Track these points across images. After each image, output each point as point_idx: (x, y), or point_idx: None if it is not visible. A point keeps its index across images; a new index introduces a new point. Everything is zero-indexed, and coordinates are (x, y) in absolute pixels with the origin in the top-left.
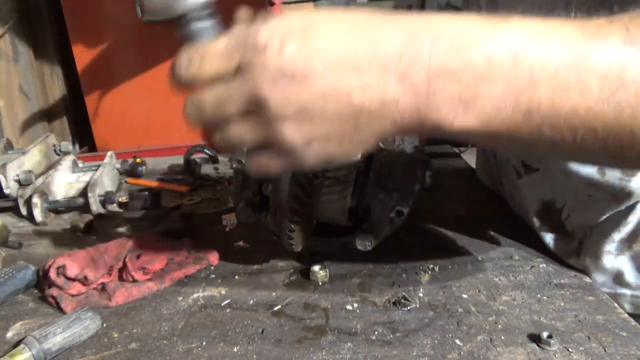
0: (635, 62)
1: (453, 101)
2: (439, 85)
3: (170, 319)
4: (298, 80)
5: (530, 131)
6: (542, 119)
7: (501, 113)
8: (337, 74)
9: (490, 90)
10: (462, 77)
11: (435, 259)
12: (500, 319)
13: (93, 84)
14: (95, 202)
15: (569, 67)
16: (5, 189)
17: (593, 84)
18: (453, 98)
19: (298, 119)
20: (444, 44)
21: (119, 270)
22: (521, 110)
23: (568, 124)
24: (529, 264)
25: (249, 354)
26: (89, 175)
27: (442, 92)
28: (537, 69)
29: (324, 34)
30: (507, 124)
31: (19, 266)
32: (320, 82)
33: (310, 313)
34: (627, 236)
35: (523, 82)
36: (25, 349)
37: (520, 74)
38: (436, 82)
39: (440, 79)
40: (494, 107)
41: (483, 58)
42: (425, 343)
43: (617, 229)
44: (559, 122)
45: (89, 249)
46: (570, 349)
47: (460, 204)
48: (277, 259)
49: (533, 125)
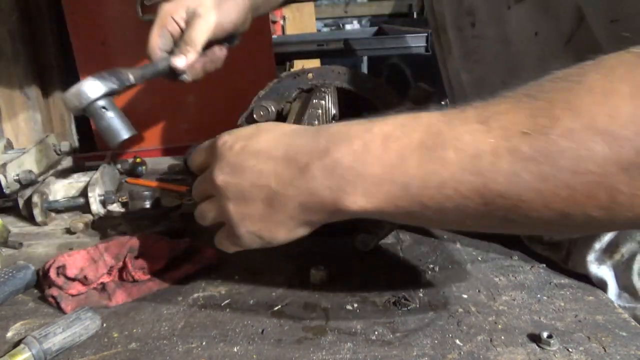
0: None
1: (340, 182)
2: (329, 171)
3: (170, 319)
4: (236, 169)
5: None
6: (417, 191)
7: (381, 189)
8: (262, 165)
9: (368, 170)
10: (345, 163)
11: (435, 259)
12: (500, 319)
13: None
14: (95, 202)
15: (429, 146)
16: (5, 189)
17: (451, 157)
18: (340, 179)
19: (236, 200)
20: (332, 140)
21: (119, 270)
22: (398, 185)
23: (441, 193)
24: (529, 264)
25: (249, 354)
26: (89, 175)
27: (331, 176)
28: (404, 149)
29: (260, 138)
30: (390, 200)
31: (19, 266)
32: (251, 172)
33: (310, 313)
34: (607, 246)
35: (393, 160)
36: (25, 349)
37: (391, 155)
38: (327, 169)
39: (330, 167)
40: (374, 184)
41: (361, 146)
42: (425, 343)
43: (597, 238)
44: (434, 193)
45: (89, 249)
46: (570, 349)
47: None
48: (277, 259)
49: (412, 197)
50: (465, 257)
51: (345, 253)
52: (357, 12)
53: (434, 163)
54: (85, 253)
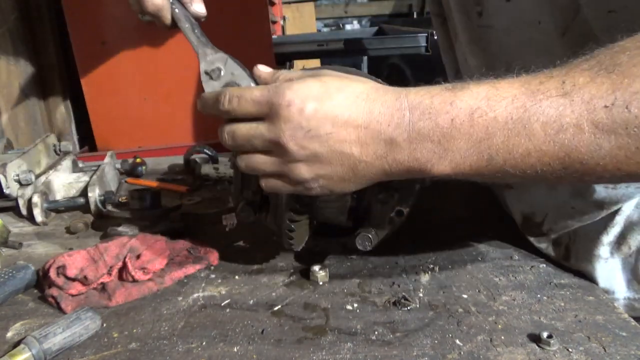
0: (569, 109)
1: (428, 154)
2: (416, 144)
3: (170, 319)
4: (312, 134)
5: (496, 171)
6: (503, 161)
7: (468, 160)
8: (342, 132)
9: (456, 144)
10: (433, 137)
11: (435, 259)
12: (500, 319)
13: (93, 84)
14: (95, 202)
15: (515, 119)
16: (5, 189)
17: (537, 130)
18: (428, 152)
19: (309, 162)
20: (418, 114)
21: (119, 270)
22: (484, 157)
23: (525, 163)
24: (529, 264)
25: (249, 354)
26: (89, 175)
27: (420, 149)
28: (490, 124)
29: (335, 100)
30: (475, 168)
31: (19, 266)
32: (329, 139)
33: (310, 313)
34: (616, 239)
35: (480, 135)
36: (25, 349)
37: (477, 129)
38: (414, 142)
39: (417, 140)
40: (461, 156)
41: (447, 121)
42: (425, 343)
43: (605, 231)
44: (517, 162)
45: (89, 249)
46: (570, 349)
47: (460, 204)
48: (277, 259)
49: (497, 167)
50: (465, 257)
51: (345, 253)
52: (357, 12)
53: (520, 136)
54: (85, 253)
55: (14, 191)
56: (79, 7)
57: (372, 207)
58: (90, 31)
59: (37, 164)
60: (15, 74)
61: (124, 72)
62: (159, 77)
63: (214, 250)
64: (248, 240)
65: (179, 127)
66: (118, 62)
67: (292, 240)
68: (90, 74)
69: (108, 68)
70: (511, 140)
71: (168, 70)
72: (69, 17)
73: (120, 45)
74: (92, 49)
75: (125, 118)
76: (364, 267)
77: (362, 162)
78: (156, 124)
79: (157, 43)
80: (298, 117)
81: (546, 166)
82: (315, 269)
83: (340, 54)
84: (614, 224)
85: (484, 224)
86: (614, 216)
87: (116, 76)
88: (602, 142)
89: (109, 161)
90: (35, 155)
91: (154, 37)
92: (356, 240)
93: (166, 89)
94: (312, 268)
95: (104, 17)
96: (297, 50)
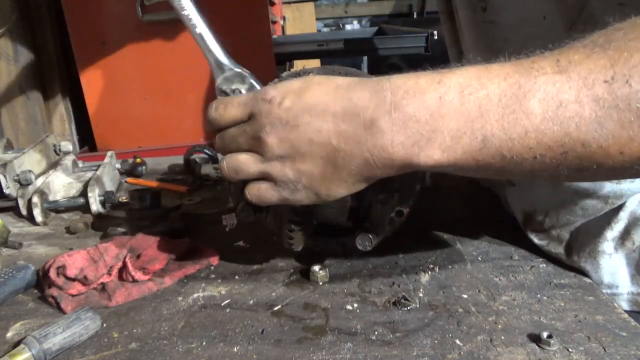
0: (567, 85)
1: (415, 137)
2: (400, 125)
3: (170, 319)
4: (290, 126)
5: (492, 156)
6: (498, 144)
7: (460, 142)
8: (319, 121)
9: (446, 124)
10: (419, 117)
11: (435, 259)
12: (500, 319)
13: (93, 84)
14: (95, 202)
15: (510, 96)
16: (5, 189)
17: (535, 107)
18: (414, 134)
19: (290, 157)
20: (401, 93)
21: (119, 270)
22: (477, 139)
23: (523, 146)
24: (529, 264)
25: (249, 354)
26: (89, 175)
27: (404, 131)
28: (483, 101)
29: (313, 92)
30: (469, 153)
31: (19, 266)
32: (307, 129)
33: (310, 313)
34: (620, 234)
35: (473, 114)
36: (25, 349)
37: (469, 107)
38: (398, 123)
39: (400, 121)
40: (452, 137)
41: (435, 99)
42: (425, 343)
43: (609, 227)
44: (515, 145)
45: (89, 249)
46: (570, 349)
47: (460, 204)
48: (277, 259)
49: (492, 152)
50: (465, 257)
51: (346, 253)
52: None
53: (517, 114)
54: (85, 253)
55: (14, 191)
56: (79, 7)
57: (372, 208)
58: (90, 31)
59: (37, 164)
60: (15, 74)
61: (124, 72)
62: (159, 77)
63: (214, 250)
64: (248, 240)
65: (179, 127)
66: (118, 62)
67: (292, 240)
68: (90, 74)
69: (108, 68)
70: (507, 118)
71: (168, 70)
72: (69, 17)
73: (120, 45)
74: (92, 48)
75: (125, 118)
76: (364, 267)
77: (341, 152)
78: (156, 124)
79: (157, 43)
80: (277, 111)
81: (545, 150)
82: (315, 269)
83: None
84: (618, 219)
85: (484, 224)
86: (618, 211)
87: (116, 76)
88: (604, 120)
89: (109, 161)
90: (35, 155)
91: (154, 37)
92: (356, 240)
93: (166, 89)
94: (312, 268)
95: (104, 17)
96: (297, 50)
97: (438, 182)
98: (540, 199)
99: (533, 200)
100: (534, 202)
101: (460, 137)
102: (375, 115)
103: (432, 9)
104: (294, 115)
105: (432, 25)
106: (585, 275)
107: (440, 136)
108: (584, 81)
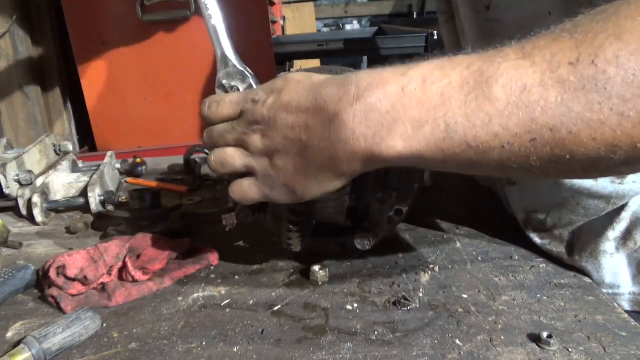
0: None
1: (376, 127)
2: (362, 117)
3: (170, 319)
4: (270, 125)
5: (457, 146)
6: (463, 132)
7: (422, 131)
8: (293, 118)
9: (408, 113)
10: (380, 108)
11: (435, 259)
12: (500, 319)
13: (93, 84)
14: (95, 202)
15: (472, 83)
16: (5, 189)
17: (498, 92)
18: (376, 125)
19: (269, 153)
20: (365, 85)
21: (119, 270)
22: (440, 126)
23: (488, 133)
24: (529, 264)
25: (249, 354)
26: (89, 175)
27: (366, 123)
28: (445, 89)
29: (290, 90)
30: (433, 143)
31: (19, 266)
32: (282, 125)
33: (310, 313)
34: (622, 234)
35: (435, 101)
36: (25, 349)
37: (431, 95)
38: (359, 115)
39: (362, 112)
40: (413, 127)
41: (397, 90)
42: (425, 343)
43: (611, 227)
44: (479, 132)
45: (89, 249)
46: (570, 349)
47: (460, 204)
48: (277, 259)
49: (457, 140)
50: (465, 257)
51: (345, 253)
52: (357, 12)
53: (480, 100)
54: (85, 253)
55: (14, 191)
56: (79, 7)
57: (371, 207)
58: (90, 31)
59: (37, 164)
60: (15, 74)
61: (124, 72)
62: (159, 77)
63: (214, 250)
64: (248, 240)
65: (179, 127)
66: (118, 62)
67: (291, 240)
68: (90, 74)
69: (108, 68)
70: (469, 104)
71: (168, 70)
72: (69, 17)
73: (120, 45)
74: (92, 48)
75: (125, 118)
76: (364, 267)
77: (309, 147)
78: (156, 124)
79: (157, 43)
80: (261, 109)
81: (512, 137)
82: (315, 269)
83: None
84: (620, 219)
85: (484, 224)
86: (621, 212)
87: (116, 76)
88: (571, 103)
89: (109, 161)
90: (35, 155)
91: (154, 37)
92: (355, 240)
93: (166, 89)
94: (312, 268)
95: (104, 17)
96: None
97: (438, 182)
98: (542, 198)
99: (535, 200)
100: (536, 202)
101: (422, 126)
102: (338, 108)
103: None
104: (273, 113)
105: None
106: (586, 275)
107: (402, 126)
108: (548, 64)
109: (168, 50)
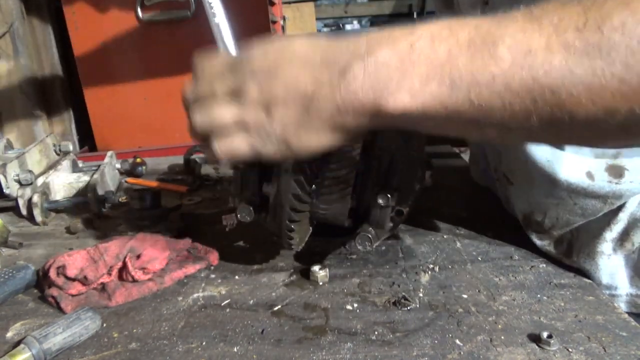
0: (537, 32)
1: (385, 81)
2: (373, 71)
3: (170, 319)
4: (271, 76)
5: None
6: (467, 89)
7: (428, 87)
8: (298, 70)
9: (416, 69)
10: (390, 63)
11: (435, 259)
12: (500, 319)
13: (93, 84)
14: (95, 202)
15: (479, 43)
16: (5, 189)
17: (503, 53)
18: (385, 78)
19: (266, 103)
20: (375, 42)
21: (119, 270)
22: (446, 82)
23: (491, 91)
24: (529, 264)
25: (249, 354)
26: (89, 175)
27: (376, 76)
28: (452, 47)
29: (296, 46)
30: (437, 98)
31: (19, 266)
32: (286, 76)
33: (310, 313)
34: (619, 235)
35: (442, 59)
36: (25, 349)
37: (439, 53)
38: (370, 68)
39: (373, 66)
40: (421, 82)
41: (406, 46)
42: (425, 343)
43: (608, 228)
44: (482, 90)
45: (89, 249)
46: (570, 349)
47: (460, 204)
48: (277, 259)
49: (461, 96)
50: (465, 257)
51: (345, 253)
52: (357, 12)
53: (485, 59)
54: (85, 253)
55: (14, 191)
56: (79, 7)
57: (372, 208)
58: (90, 31)
59: (37, 164)
60: (16, 74)
61: (124, 72)
62: (159, 77)
63: (214, 250)
64: (248, 240)
65: (179, 127)
66: (118, 62)
67: (292, 240)
68: (90, 74)
69: (108, 68)
70: (475, 62)
71: (168, 70)
72: (69, 17)
73: (120, 45)
74: (92, 48)
75: (125, 118)
76: (364, 267)
77: (315, 99)
78: (156, 124)
79: (157, 43)
80: (260, 62)
81: (514, 97)
82: (315, 269)
83: None
84: (617, 220)
85: (484, 224)
86: (618, 212)
87: (116, 76)
88: (575, 66)
89: (109, 161)
90: (35, 155)
91: (154, 37)
92: (356, 240)
93: (166, 89)
94: (312, 268)
95: (104, 17)
96: None
97: (438, 182)
98: (537, 199)
99: (531, 201)
100: (532, 202)
101: (429, 82)
102: (349, 62)
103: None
104: (275, 65)
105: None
106: (586, 276)
107: (410, 81)
108: (554, 28)
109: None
